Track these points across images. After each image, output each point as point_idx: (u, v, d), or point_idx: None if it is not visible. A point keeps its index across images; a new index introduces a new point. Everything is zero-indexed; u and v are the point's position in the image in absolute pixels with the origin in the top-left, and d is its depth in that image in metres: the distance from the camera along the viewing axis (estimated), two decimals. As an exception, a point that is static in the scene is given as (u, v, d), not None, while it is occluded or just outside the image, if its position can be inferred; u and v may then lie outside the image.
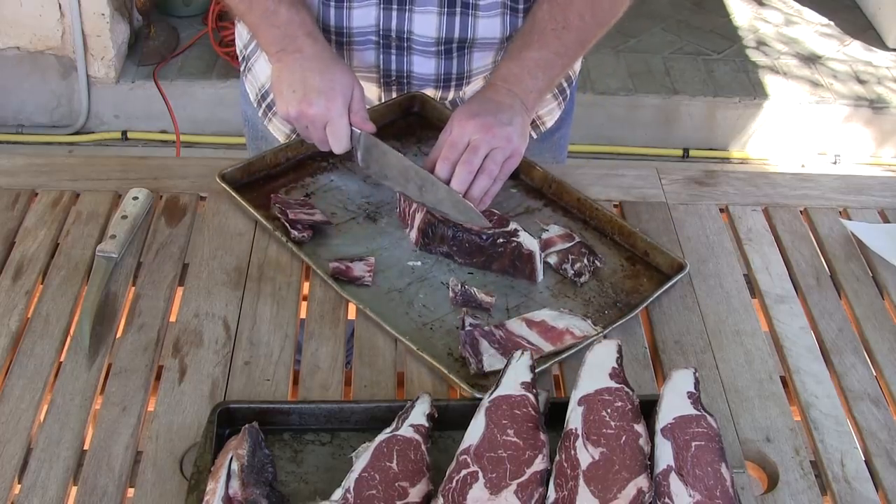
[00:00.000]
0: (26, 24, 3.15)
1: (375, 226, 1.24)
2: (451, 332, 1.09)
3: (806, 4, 4.03)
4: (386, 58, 1.35)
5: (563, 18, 1.26)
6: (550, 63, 1.26)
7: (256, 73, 1.49)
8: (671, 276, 1.17)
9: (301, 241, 1.19)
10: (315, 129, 1.23)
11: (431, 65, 1.36)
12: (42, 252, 1.18)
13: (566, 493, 0.85)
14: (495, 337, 1.07)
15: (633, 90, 3.42)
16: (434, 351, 1.07)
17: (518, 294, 1.16)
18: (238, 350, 1.07)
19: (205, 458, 0.90)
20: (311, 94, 1.20)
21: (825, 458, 1.00)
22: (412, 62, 1.36)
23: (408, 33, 1.32)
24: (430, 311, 1.12)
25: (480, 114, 1.20)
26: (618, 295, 1.16)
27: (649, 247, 1.20)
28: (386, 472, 0.87)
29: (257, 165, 1.29)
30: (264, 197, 1.25)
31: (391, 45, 1.34)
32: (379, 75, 1.38)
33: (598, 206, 1.25)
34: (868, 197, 1.37)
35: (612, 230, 1.24)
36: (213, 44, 3.35)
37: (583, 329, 1.09)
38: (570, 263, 1.17)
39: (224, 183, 1.24)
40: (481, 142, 1.18)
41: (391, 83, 1.39)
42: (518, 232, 1.16)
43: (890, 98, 3.45)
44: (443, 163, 1.19)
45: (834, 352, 1.12)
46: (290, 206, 1.22)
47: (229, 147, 3.28)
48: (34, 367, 1.04)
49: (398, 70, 1.37)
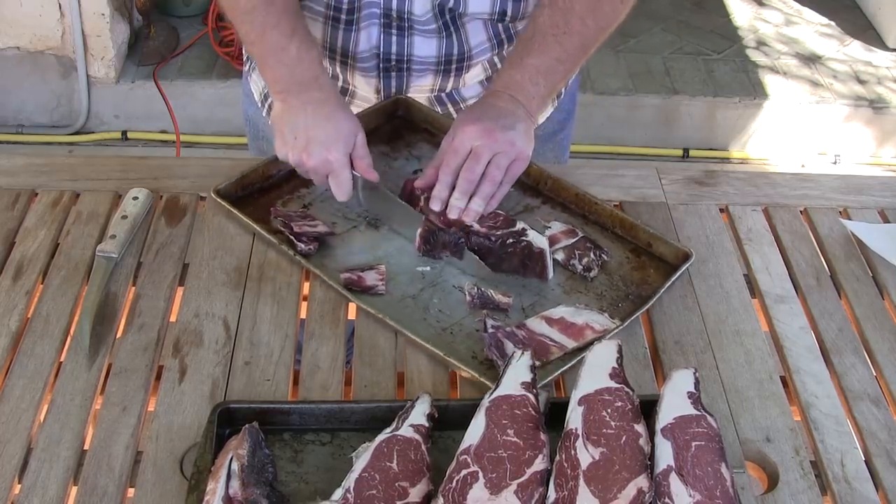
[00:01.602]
0: (26, 24, 3.15)
1: (378, 233, 1.24)
2: (471, 336, 1.09)
3: (806, 4, 4.03)
4: (387, 38, 1.34)
5: (564, 23, 1.25)
6: (552, 69, 1.26)
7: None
8: (677, 266, 1.18)
9: (308, 254, 1.18)
10: (316, 176, 1.23)
11: (433, 45, 1.35)
12: (42, 252, 1.18)
13: (566, 493, 0.85)
14: (518, 337, 1.07)
15: (633, 90, 3.42)
16: (459, 355, 1.06)
17: (531, 293, 1.16)
18: (238, 350, 1.07)
19: (205, 458, 0.90)
20: (312, 146, 1.20)
21: (825, 458, 1.00)
22: (413, 44, 1.35)
23: (408, 14, 1.31)
24: (448, 316, 1.12)
25: (482, 119, 1.19)
26: (628, 287, 1.17)
27: (652, 238, 1.21)
28: (386, 472, 0.87)
29: (251, 178, 1.27)
30: (262, 210, 1.24)
31: (391, 24, 1.32)
32: (379, 59, 1.37)
33: (597, 200, 1.26)
34: (868, 197, 1.37)
35: (613, 224, 1.24)
36: (213, 44, 3.35)
37: (602, 323, 1.10)
38: (578, 259, 1.18)
39: (220, 198, 1.23)
40: (483, 147, 1.17)
41: (390, 69, 1.38)
42: (527, 231, 1.17)
43: (890, 98, 3.45)
44: (445, 170, 1.19)
45: (834, 352, 1.12)
46: (292, 219, 1.21)
47: (229, 147, 3.28)
48: (34, 367, 1.04)
49: (398, 53, 1.36)
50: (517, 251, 1.16)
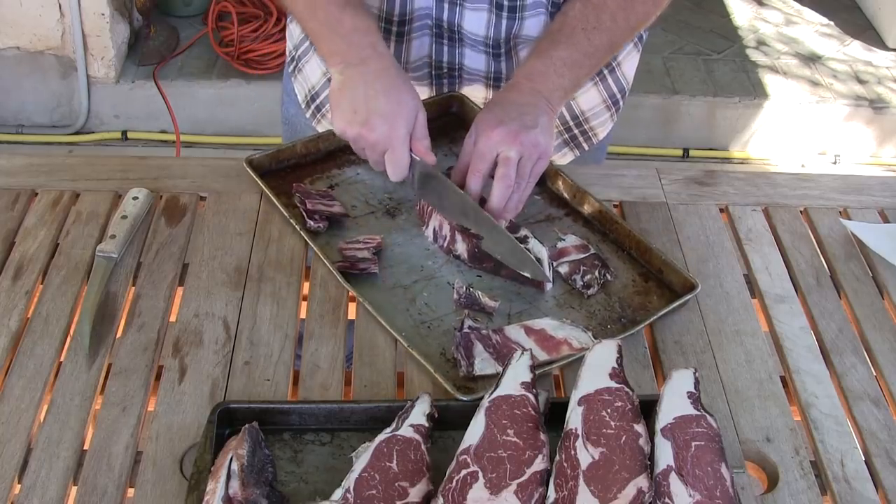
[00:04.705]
0: (26, 24, 3.15)
1: (393, 221, 1.24)
2: (448, 333, 1.09)
3: (806, 4, 4.03)
4: (438, 48, 1.34)
5: (595, 19, 1.24)
6: (578, 63, 1.24)
7: (307, 74, 1.47)
8: (682, 296, 1.15)
9: (316, 232, 1.19)
10: (373, 153, 1.19)
11: (482, 60, 1.35)
12: (42, 252, 1.18)
13: (566, 493, 0.85)
14: (491, 341, 1.06)
15: (633, 90, 3.41)
16: (427, 349, 1.06)
17: (523, 301, 1.15)
18: (238, 350, 1.07)
19: (205, 458, 0.90)
20: (374, 118, 1.16)
21: (825, 458, 1.00)
22: (463, 55, 1.35)
23: (458, 26, 1.31)
24: (432, 311, 1.12)
25: (505, 121, 1.17)
26: (624, 310, 1.14)
27: (664, 264, 1.17)
28: (386, 472, 0.87)
29: (286, 154, 1.29)
30: (288, 185, 1.26)
31: (443, 34, 1.32)
32: (431, 68, 1.37)
33: (619, 219, 1.23)
34: (868, 197, 1.37)
35: (630, 245, 1.21)
36: (213, 44, 3.34)
37: (581, 341, 1.08)
38: (581, 275, 1.16)
39: (251, 169, 1.26)
40: (511, 152, 1.15)
41: (443, 76, 1.38)
42: (528, 238, 1.16)
43: (890, 98, 3.45)
44: (474, 176, 1.17)
45: (834, 352, 1.12)
46: (309, 196, 1.22)
47: (229, 147, 3.28)
48: (34, 367, 1.04)
49: (450, 62, 1.35)
50: None
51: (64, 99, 3.32)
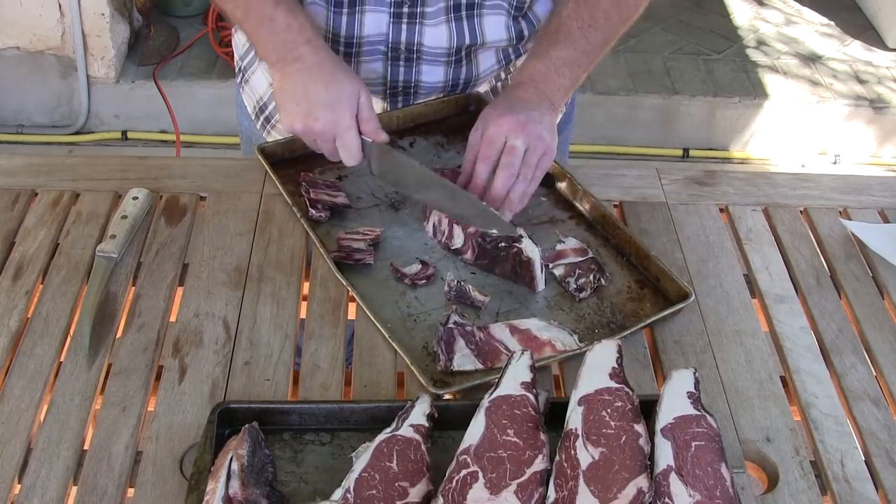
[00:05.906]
0: (26, 24, 3.15)
1: (396, 214, 1.25)
2: (433, 327, 1.10)
3: (806, 4, 4.03)
4: (394, 69, 1.34)
5: (589, 17, 1.25)
6: (577, 61, 1.25)
7: (254, 85, 1.47)
8: (675, 304, 1.14)
9: (318, 221, 1.20)
10: (324, 143, 1.20)
11: (440, 73, 1.35)
12: (42, 252, 1.18)
13: (566, 493, 0.85)
14: (474, 338, 1.06)
15: (633, 90, 3.42)
16: (410, 342, 1.07)
17: (513, 300, 1.15)
18: (238, 350, 1.07)
19: (205, 458, 0.90)
20: (316, 108, 1.16)
21: (825, 458, 1.00)
22: (421, 72, 1.35)
23: (417, 45, 1.31)
24: (420, 304, 1.13)
25: (513, 111, 1.17)
26: (614, 315, 1.14)
27: (662, 273, 1.16)
28: (386, 472, 0.87)
29: (299, 142, 1.27)
30: (297, 175, 1.28)
31: (399, 56, 1.32)
32: (385, 86, 1.36)
33: (620, 224, 1.23)
34: (868, 197, 1.37)
35: (630, 251, 1.21)
36: (213, 44, 3.35)
37: (566, 343, 1.08)
38: (575, 278, 1.16)
39: (262, 156, 1.28)
40: (518, 141, 1.15)
41: (397, 93, 1.38)
42: (522, 238, 1.16)
43: (890, 98, 3.45)
44: (483, 163, 1.17)
45: (834, 352, 1.12)
46: (315, 186, 1.24)
47: (229, 147, 3.28)
48: (34, 367, 1.04)
49: (405, 80, 1.36)
50: (509, 257, 1.15)
51: (64, 99, 3.32)
